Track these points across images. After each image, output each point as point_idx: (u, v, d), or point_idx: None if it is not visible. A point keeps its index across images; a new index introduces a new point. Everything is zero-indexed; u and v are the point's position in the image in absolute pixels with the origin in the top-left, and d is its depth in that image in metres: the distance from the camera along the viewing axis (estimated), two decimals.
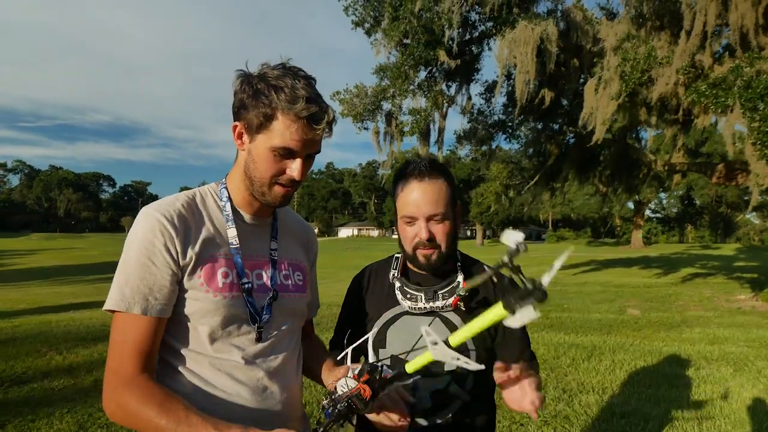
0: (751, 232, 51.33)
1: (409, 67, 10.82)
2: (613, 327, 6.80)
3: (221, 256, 0.93)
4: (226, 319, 0.91)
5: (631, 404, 3.70)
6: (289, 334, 1.02)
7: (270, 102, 0.87)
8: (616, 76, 7.76)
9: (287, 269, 1.04)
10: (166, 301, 0.88)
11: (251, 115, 0.89)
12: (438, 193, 1.08)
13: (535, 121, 12.11)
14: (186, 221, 0.92)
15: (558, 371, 4.53)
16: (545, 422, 3.34)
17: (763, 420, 3.41)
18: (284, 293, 1.00)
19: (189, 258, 0.89)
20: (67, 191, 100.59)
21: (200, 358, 0.91)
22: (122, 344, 0.85)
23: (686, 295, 10.61)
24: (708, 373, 4.55)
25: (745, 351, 5.41)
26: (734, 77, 6.82)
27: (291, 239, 1.09)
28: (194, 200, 0.96)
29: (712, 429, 3.24)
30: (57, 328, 6.30)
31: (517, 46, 8.09)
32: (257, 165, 0.92)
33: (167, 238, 0.88)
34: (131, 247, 0.88)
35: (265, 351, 0.96)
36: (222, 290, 0.91)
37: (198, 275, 0.90)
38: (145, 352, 0.86)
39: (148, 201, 13.84)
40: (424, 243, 1.08)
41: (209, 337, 0.91)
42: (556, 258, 0.69)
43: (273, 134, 0.88)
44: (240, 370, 0.92)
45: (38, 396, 3.69)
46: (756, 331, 6.53)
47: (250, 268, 0.96)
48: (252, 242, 0.99)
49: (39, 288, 14.62)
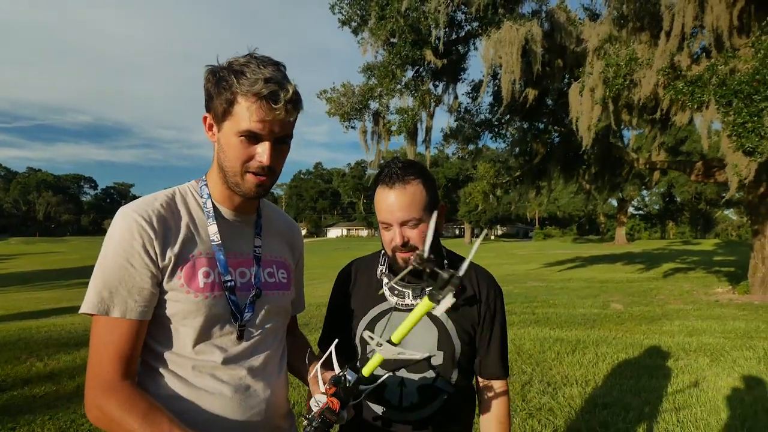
0: (729, 227, 52.82)
1: (396, 67, 10.87)
2: (597, 321, 6.97)
3: (202, 255, 0.91)
4: (208, 320, 0.89)
5: (613, 395, 3.82)
6: (273, 333, 1.01)
7: (230, 86, 0.85)
8: (599, 81, 7.94)
9: (271, 267, 1.03)
10: (146, 303, 0.86)
11: (216, 103, 0.88)
12: (411, 198, 1.06)
13: (521, 121, 12.29)
14: (165, 221, 0.90)
15: (543, 365, 4.65)
16: (530, 414, 3.43)
17: (737, 407, 3.56)
18: (268, 291, 0.99)
19: (168, 259, 0.88)
20: (46, 194, 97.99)
21: (182, 361, 0.90)
22: (103, 348, 0.84)
23: (667, 289, 10.91)
24: (686, 363, 4.72)
25: (721, 342, 5.61)
26: (710, 75, 7.08)
27: (276, 237, 1.08)
28: (174, 199, 0.94)
29: (689, 417, 3.38)
30: (37, 334, 6.14)
31: (502, 46, 8.22)
32: (226, 153, 0.90)
33: (146, 239, 0.86)
34: (109, 248, 0.86)
35: (247, 350, 0.95)
36: (203, 290, 0.89)
37: (178, 276, 0.88)
38: (126, 356, 0.84)
39: None
40: (399, 248, 1.09)
41: (191, 339, 0.89)
42: (472, 246, 0.78)
43: (236, 119, 0.87)
44: (221, 370, 0.91)
45: (19, 403, 3.60)
46: (732, 323, 6.76)
47: (233, 265, 0.94)
48: (235, 239, 0.97)
49: (18, 294, 14.29)
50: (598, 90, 8.11)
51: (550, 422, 3.29)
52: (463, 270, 0.73)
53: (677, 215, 52.31)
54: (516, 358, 4.85)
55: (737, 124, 6.91)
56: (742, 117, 6.84)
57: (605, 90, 8.06)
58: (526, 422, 3.29)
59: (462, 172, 50.73)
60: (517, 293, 10.24)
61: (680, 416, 3.39)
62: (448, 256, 1.22)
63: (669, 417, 3.37)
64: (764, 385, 4.06)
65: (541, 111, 11.54)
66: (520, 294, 10.11)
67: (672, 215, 52.53)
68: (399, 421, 1.11)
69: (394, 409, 1.11)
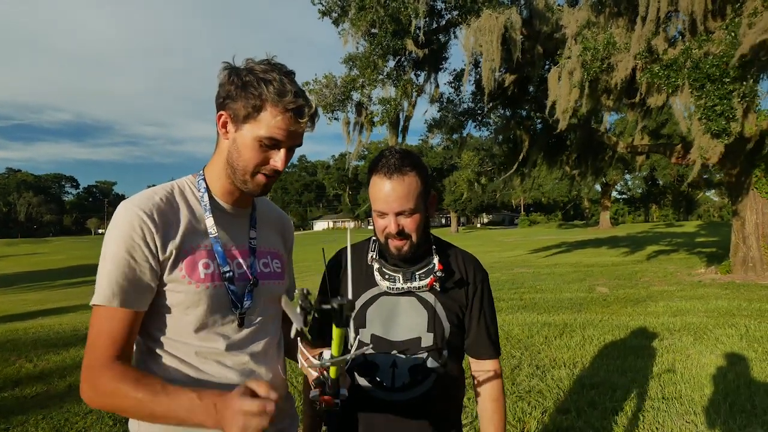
0: (711, 208, 54.05)
1: (378, 57, 10.80)
2: (584, 305, 7.08)
3: (202, 248, 0.95)
4: (210, 309, 0.94)
5: (600, 376, 3.89)
6: (271, 320, 1.06)
7: (260, 94, 0.90)
8: (578, 65, 7.99)
9: (266, 257, 1.07)
10: (144, 295, 0.90)
11: (239, 105, 0.92)
12: (407, 189, 1.10)
13: (503, 108, 12.32)
14: (165, 215, 0.93)
15: (531, 349, 4.71)
16: (520, 397, 3.47)
17: (720, 382, 3.66)
18: (264, 280, 1.03)
19: (170, 252, 0.91)
20: (27, 194, 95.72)
21: (185, 348, 0.94)
22: (98, 335, 0.88)
23: (651, 271, 11.13)
24: (670, 342, 4.82)
25: (704, 321, 5.74)
26: (684, 59, 7.17)
27: (269, 228, 1.12)
28: (172, 193, 0.98)
29: (674, 393, 3.46)
30: (25, 336, 6.09)
31: (482, 34, 8.20)
32: (241, 154, 0.95)
33: (146, 233, 0.89)
34: (110, 241, 0.89)
35: (248, 337, 0.99)
36: (204, 281, 0.93)
37: (180, 268, 0.92)
38: (119, 342, 0.88)
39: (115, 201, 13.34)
40: (393, 235, 1.13)
41: (194, 327, 0.93)
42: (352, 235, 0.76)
43: (260, 124, 0.92)
44: (225, 356, 0.96)
45: (9, 404, 3.59)
46: (715, 302, 6.93)
47: (231, 256, 0.99)
48: (232, 232, 1.02)
49: (3, 296, 14.08)
50: (576, 73, 8.16)
51: (539, 404, 3.34)
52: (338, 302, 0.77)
53: (660, 198, 53.27)
54: (505, 343, 4.90)
55: (707, 107, 7.06)
56: (712, 100, 6.99)
57: (583, 73, 8.12)
58: (516, 405, 3.33)
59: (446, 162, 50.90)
60: (504, 280, 10.34)
61: (665, 393, 3.46)
62: (436, 242, 1.26)
63: (654, 394, 3.44)
64: (746, 361, 4.17)
65: (523, 98, 11.58)
66: (507, 280, 10.22)
67: (655, 198, 53.49)
68: (391, 400, 1.14)
69: (387, 390, 1.15)
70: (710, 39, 7.19)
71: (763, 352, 4.38)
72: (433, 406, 1.17)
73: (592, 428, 2.95)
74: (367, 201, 18.01)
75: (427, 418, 1.16)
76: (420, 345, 1.15)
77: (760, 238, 9.52)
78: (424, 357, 1.16)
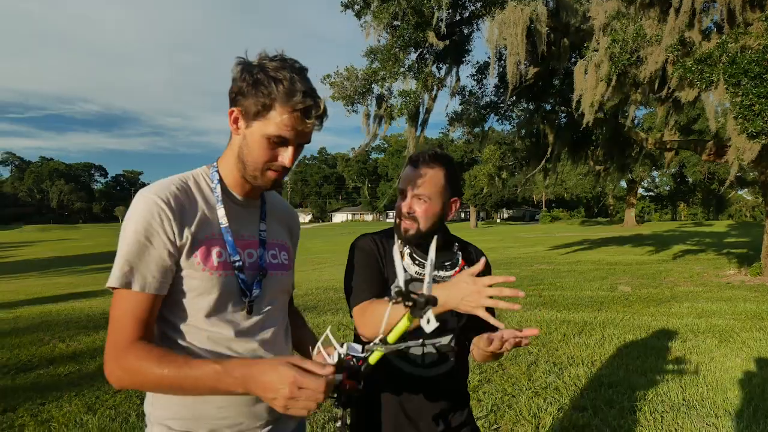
0: (744, 208, 51.92)
1: (399, 49, 10.74)
2: (604, 303, 6.97)
3: (215, 236, 0.99)
4: (221, 296, 0.97)
5: (619, 375, 3.84)
6: (278, 309, 1.10)
7: (269, 93, 0.93)
8: (605, 57, 7.77)
9: (275, 249, 1.11)
10: (162, 279, 0.93)
11: (249, 102, 0.95)
12: (430, 178, 1.24)
13: (527, 102, 12.10)
14: (181, 203, 0.96)
15: (549, 346, 4.68)
16: (536, 393, 3.47)
17: (744, 386, 3.57)
18: (272, 271, 1.07)
19: (186, 238, 0.94)
20: (59, 182, 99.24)
21: (198, 333, 0.97)
22: (121, 317, 0.91)
23: (676, 271, 10.82)
24: (694, 344, 4.71)
25: (731, 323, 5.58)
26: (720, 53, 6.86)
27: (277, 222, 1.16)
28: (187, 183, 1.01)
29: (695, 395, 3.39)
30: (58, 318, 6.35)
31: (506, 27, 8.05)
32: (251, 150, 0.98)
33: (164, 219, 0.92)
34: (129, 228, 0.92)
35: (257, 325, 1.03)
36: (217, 269, 0.97)
37: (195, 255, 0.95)
38: (143, 323, 0.91)
39: None
40: (404, 215, 1.25)
41: (205, 313, 0.97)
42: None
43: (269, 123, 0.94)
44: (235, 342, 0.99)
45: (45, 382, 3.79)
46: (743, 305, 6.71)
47: (241, 246, 1.02)
48: (243, 223, 1.05)
49: (36, 279, 14.57)
50: (604, 66, 7.94)
51: (555, 400, 3.33)
52: (428, 291, 0.83)
53: (689, 196, 51.46)
54: None
55: (744, 105, 6.75)
56: (749, 99, 6.67)
57: (611, 66, 7.89)
58: (531, 401, 3.33)
59: (467, 155, 50.39)
60: (524, 276, 10.24)
61: (686, 395, 3.40)
62: (458, 240, 1.40)
63: (675, 396, 3.39)
64: None
65: (548, 92, 11.34)
66: (527, 277, 10.12)
67: (683, 196, 51.73)
68: (421, 376, 1.28)
69: (418, 366, 1.28)
70: (748, 32, 6.86)
71: None
72: (455, 380, 1.34)
73: (609, 427, 2.93)
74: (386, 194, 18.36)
75: (451, 390, 1.33)
76: (446, 327, 1.28)
77: None
78: (449, 339, 1.27)
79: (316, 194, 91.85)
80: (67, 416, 3.13)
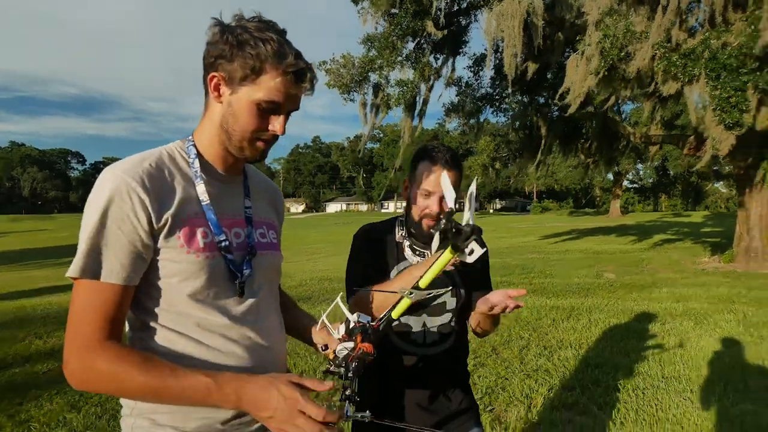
0: (719, 199, 53.49)
1: (397, 38, 10.74)
2: (591, 290, 7.32)
3: (198, 216, 0.90)
4: (210, 279, 0.89)
5: (604, 356, 4.15)
6: (271, 295, 1.03)
7: (258, 54, 0.84)
8: (596, 52, 8.03)
9: (262, 227, 1.03)
10: (133, 268, 0.83)
11: (234, 66, 0.86)
12: (454, 179, 1.30)
13: (521, 95, 12.32)
14: (157, 182, 0.86)
15: (539, 331, 4.97)
16: (527, 375, 3.73)
17: (717, 363, 3.92)
18: (262, 251, 0.99)
19: (165, 220, 0.85)
20: (31, 169, 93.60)
21: (185, 320, 0.88)
22: (86, 312, 0.81)
23: (657, 259, 11.32)
24: (672, 327, 5.07)
25: (705, 307, 5.97)
26: (702, 49, 7.20)
27: (262, 199, 1.08)
28: (162, 159, 0.90)
29: (673, 373, 3.72)
30: (33, 313, 6.09)
31: (504, 19, 8.23)
32: (238, 118, 0.89)
33: (136, 202, 0.82)
34: (94, 211, 0.81)
35: (251, 310, 0.95)
36: (204, 250, 0.88)
37: (177, 236, 0.86)
38: (111, 319, 0.82)
39: None
40: (431, 215, 1.29)
41: (194, 299, 0.88)
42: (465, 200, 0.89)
43: (259, 88, 0.86)
44: (229, 329, 0.91)
45: (22, 380, 3.65)
46: (716, 290, 7.14)
47: (227, 226, 0.94)
48: (226, 200, 0.96)
49: (8, 273, 13.71)
50: (594, 60, 8.21)
51: (546, 381, 3.61)
52: (472, 220, 0.85)
53: (670, 188, 52.81)
54: (514, 324, 5.17)
55: (722, 98, 7.15)
56: (727, 91, 7.07)
57: (600, 60, 8.16)
58: (524, 382, 3.58)
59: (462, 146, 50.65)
60: (515, 265, 10.58)
61: (665, 372, 3.72)
62: None
63: (655, 374, 3.70)
64: (741, 344, 4.41)
65: (541, 85, 11.57)
66: (518, 265, 10.46)
67: (665, 188, 53.02)
68: (423, 354, 1.35)
69: (419, 346, 1.35)
70: (729, 30, 7.19)
71: (758, 336, 4.62)
72: (456, 357, 1.41)
73: (596, 404, 3.21)
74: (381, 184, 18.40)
75: (451, 369, 1.40)
76: (446, 308, 1.37)
77: (763, 230, 9.65)
78: (449, 318, 1.38)
79: (309, 184, 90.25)
80: (49, 415, 3.01)
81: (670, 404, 3.18)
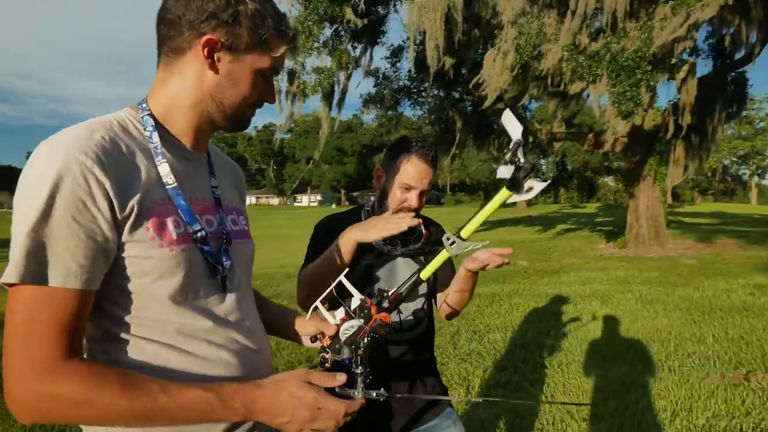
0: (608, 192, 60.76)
1: (314, 23, 10.44)
2: (508, 277, 7.73)
3: (165, 202, 0.75)
4: (188, 276, 0.76)
5: (528, 337, 4.35)
6: (248, 287, 0.92)
7: (264, 23, 0.78)
8: (512, 47, 8.47)
9: (233, 213, 0.91)
10: (93, 268, 0.67)
11: (240, 31, 0.77)
12: (433, 174, 1.36)
13: (438, 89, 12.64)
14: (115, 160, 0.70)
15: (467, 317, 5.09)
16: (462, 359, 3.79)
17: (623, 336, 4.32)
18: (236, 239, 0.87)
19: (130, 208, 0.70)
20: None
21: (163, 326, 0.75)
22: (36, 326, 0.64)
23: (562, 247, 12.38)
24: (582, 306, 5.50)
25: (607, 288, 6.60)
26: (605, 52, 8.04)
27: (226, 180, 0.95)
28: (113, 130, 0.74)
29: (588, 347, 4.00)
30: None
31: (426, 11, 8.31)
32: (240, 88, 0.80)
33: (93, 185, 0.66)
34: (38, 198, 0.64)
35: (232, 306, 0.83)
36: (178, 242, 0.74)
37: (146, 228, 0.71)
38: (69, 333, 0.66)
39: None
40: (409, 208, 1.32)
41: (171, 300, 0.75)
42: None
43: (264, 57, 0.80)
44: (213, 332, 0.79)
45: None
46: (615, 272, 7.96)
47: (198, 212, 0.80)
48: (192, 181, 0.82)
49: None
50: (510, 56, 8.69)
51: (480, 364, 3.67)
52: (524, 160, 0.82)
53: (568, 182, 58.69)
54: None
55: (620, 93, 8.17)
56: (623, 87, 8.11)
57: (516, 57, 8.67)
58: (459, 366, 3.63)
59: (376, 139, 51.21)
60: None
61: (582, 348, 3.99)
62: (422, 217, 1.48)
63: (574, 349, 3.94)
64: (641, 319, 4.91)
65: (457, 80, 11.98)
66: None
67: (564, 182, 58.81)
68: (398, 340, 1.36)
69: (397, 332, 1.36)
70: (627, 36, 8.06)
71: (653, 311, 5.19)
72: (428, 342, 1.45)
73: (527, 381, 3.34)
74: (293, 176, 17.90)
75: (426, 349, 1.44)
76: (418, 293, 1.39)
77: (649, 219, 11.03)
78: (422, 303, 1.41)
79: None
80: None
81: (590, 375, 3.38)
